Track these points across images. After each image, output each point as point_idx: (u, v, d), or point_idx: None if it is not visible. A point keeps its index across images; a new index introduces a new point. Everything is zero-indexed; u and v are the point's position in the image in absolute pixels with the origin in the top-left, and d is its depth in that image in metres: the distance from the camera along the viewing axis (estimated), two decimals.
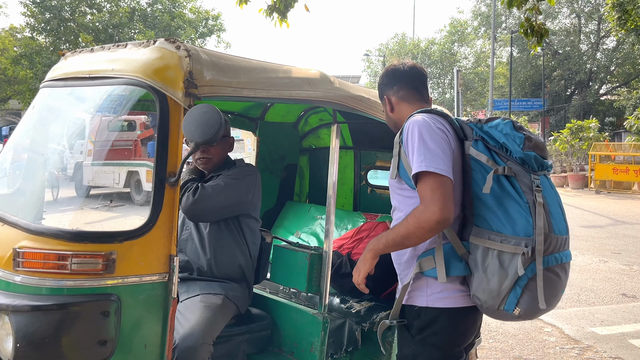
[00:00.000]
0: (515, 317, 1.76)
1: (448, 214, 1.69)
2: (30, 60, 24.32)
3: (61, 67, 2.28)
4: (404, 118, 1.95)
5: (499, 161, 1.76)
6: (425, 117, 1.82)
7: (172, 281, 1.83)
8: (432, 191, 1.69)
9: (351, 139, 3.86)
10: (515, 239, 1.70)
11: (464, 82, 32.54)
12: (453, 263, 1.80)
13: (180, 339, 2.09)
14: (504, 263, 1.71)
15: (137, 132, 12.94)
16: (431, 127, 1.78)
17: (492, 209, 1.74)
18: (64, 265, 1.70)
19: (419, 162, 1.72)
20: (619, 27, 16.86)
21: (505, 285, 1.71)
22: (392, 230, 1.82)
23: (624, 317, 5.42)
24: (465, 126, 1.86)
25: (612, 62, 32.12)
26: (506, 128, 1.80)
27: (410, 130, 1.80)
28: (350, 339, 2.78)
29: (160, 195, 1.81)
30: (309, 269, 2.41)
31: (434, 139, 1.75)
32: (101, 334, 1.72)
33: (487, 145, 1.80)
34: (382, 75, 2.12)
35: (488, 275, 1.74)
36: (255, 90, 2.05)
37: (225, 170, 2.59)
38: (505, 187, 1.73)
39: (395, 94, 2.06)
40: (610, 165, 17.58)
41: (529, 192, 1.73)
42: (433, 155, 1.72)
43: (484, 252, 1.75)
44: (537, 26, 5.29)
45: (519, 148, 1.77)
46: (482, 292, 1.76)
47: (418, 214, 1.71)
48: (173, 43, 1.91)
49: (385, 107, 2.11)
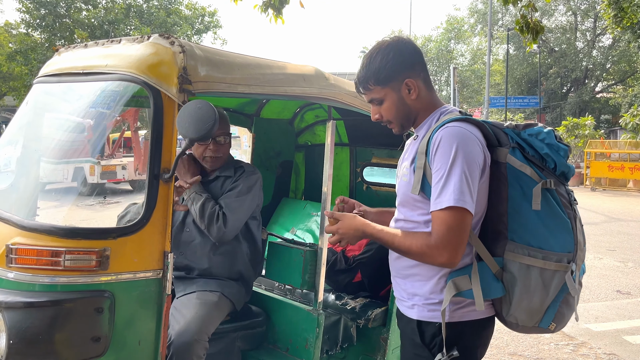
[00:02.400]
0: (549, 332, 1.70)
1: (454, 261, 1.57)
2: (25, 56, 24.18)
3: (55, 62, 2.26)
4: (423, 108, 1.75)
5: (539, 173, 1.62)
6: (464, 129, 1.60)
7: (166, 278, 1.82)
8: (447, 231, 1.54)
9: (347, 135, 3.85)
10: (557, 255, 1.62)
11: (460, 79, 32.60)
12: (490, 283, 1.63)
13: (175, 335, 2.09)
14: (546, 281, 1.61)
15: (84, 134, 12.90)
16: (470, 147, 1.57)
17: (533, 224, 1.61)
18: (57, 261, 1.69)
19: (447, 193, 1.54)
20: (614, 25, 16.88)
21: (546, 303, 1.64)
22: (396, 238, 1.66)
23: (619, 313, 5.45)
24: (499, 132, 1.67)
25: (608, 60, 32.21)
26: (549, 138, 1.65)
27: (445, 145, 1.57)
28: (345, 336, 2.79)
29: (154, 191, 1.81)
30: (304, 265, 2.41)
31: (469, 165, 1.56)
32: (95, 331, 1.71)
33: (525, 155, 1.64)
34: (395, 53, 1.72)
35: (530, 295, 1.62)
36: (250, 86, 2.05)
37: (229, 171, 2.59)
38: (549, 202, 1.62)
39: (418, 76, 1.73)
40: (606, 162, 17.65)
41: (569, 206, 1.65)
42: (465, 187, 1.54)
43: (526, 270, 1.61)
44: (533, 23, 5.29)
45: (564, 160, 1.66)
46: (521, 312, 1.65)
47: (426, 247, 1.58)
48: (167, 39, 1.90)
49: (399, 94, 1.73)
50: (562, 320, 1.69)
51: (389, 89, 1.73)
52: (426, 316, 1.70)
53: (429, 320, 1.70)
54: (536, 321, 1.66)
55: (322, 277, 2.40)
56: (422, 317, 1.71)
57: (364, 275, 2.98)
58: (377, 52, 1.73)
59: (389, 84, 1.72)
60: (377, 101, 1.77)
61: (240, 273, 2.51)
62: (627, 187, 17.40)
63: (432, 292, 1.69)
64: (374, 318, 2.74)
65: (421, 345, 1.71)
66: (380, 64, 1.71)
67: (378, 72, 1.72)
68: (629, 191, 17.05)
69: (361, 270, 2.97)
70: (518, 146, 1.65)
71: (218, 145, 2.55)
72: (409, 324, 1.76)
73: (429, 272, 1.69)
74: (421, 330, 1.71)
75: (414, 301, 1.73)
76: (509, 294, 1.64)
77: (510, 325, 1.72)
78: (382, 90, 1.74)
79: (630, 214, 12.27)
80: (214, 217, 2.38)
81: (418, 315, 1.72)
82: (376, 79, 1.73)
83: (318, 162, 3.80)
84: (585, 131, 19.58)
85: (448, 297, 1.62)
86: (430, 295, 1.69)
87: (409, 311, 1.75)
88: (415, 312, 1.73)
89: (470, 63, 39.25)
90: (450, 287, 1.63)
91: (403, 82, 1.72)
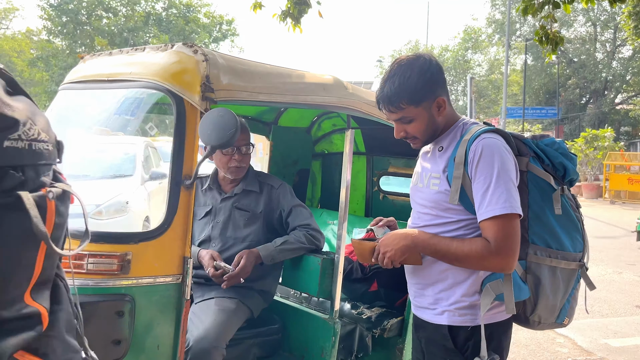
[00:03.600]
0: (563, 326, 1.85)
1: (513, 266, 1.64)
2: (46, 62, 24.68)
3: (80, 69, 2.31)
4: (447, 123, 1.79)
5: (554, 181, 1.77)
6: (498, 140, 1.68)
7: (186, 283, 1.84)
8: (506, 237, 1.60)
9: (364, 144, 3.86)
10: (573, 255, 1.79)
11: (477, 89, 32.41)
12: (519, 286, 1.71)
13: (194, 341, 2.11)
14: (565, 279, 1.78)
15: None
16: (509, 157, 1.66)
17: (552, 228, 1.74)
18: (80, 265, 1.72)
19: (499, 200, 1.59)
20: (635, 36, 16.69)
21: (564, 299, 1.80)
22: (453, 243, 1.67)
23: (638, 329, 5.34)
24: (519, 142, 1.77)
25: (628, 71, 31.78)
26: (562, 148, 1.80)
27: (486, 155, 1.63)
28: (361, 345, 2.78)
29: (175, 197, 1.83)
30: (320, 273, 2.42)
31: (512, 174, 1.65)
32: (115, 334, 1.74)
33: (542, 164, 1.77)
34: (435, 71, 1.74)
35: (553, 293, 1.76)
36: (271, 95, 2.07)
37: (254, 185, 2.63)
38: (564, 206, 1.76)
39: (447, 94, 1.78)
40: (626, 175, 17.39)
41: (576, 210, 1.82)
42: (513, 194, 1.62)
43: (551, 271, 1.75)
44: (552, 34, 5.27)
45: (574, 169, 1.80)
46: (544, 310, 1.76)
47: (487, 253, 1.61)
48: (191, 47, 1.93)
49: (430, 111, 1.74)
50: (572, 314, 1.85)
51: (421, 108, 1.73)
52: (457, 321, 1.74)
53: (460, 325, 1.73)
54: (555, 317, 1.80)
55: (338, 286, 2.40)
56: (453, 322, 1.74)
57: (380, 285, 2.97)
58: (410, 71, 1.71)
59: (422, 104, 1.72)
60: (406, 120, 1.76)
61: (260, 282, 2.52)
62: None
63: (464, 294, 1.72)
64: (389, 328, 2.73)
65: (454, 350, 1.73)
66: (418, 85, 1.70)
67: (414, 93, 1.70)
68: None
69: (377, 279, 2.96)
70: (536, 155, 1.77)
71: (242, 155, 2.58)
72: (437, 331, 1.77)
73: (461, 275, 1.73)
74: (453, 335, 1.74)
75: (443, 307, 1.75)
76: (533, 295, 1.73)
77: (532, 324, 1.80)
78: (414, 110, 1.73)
79: None
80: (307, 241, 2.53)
81: (449, 320, 1.74)
82: (410, 98, 1.71)
83: (335, 170, 3.81)
84: (605, 143, 19.31)
85: (487, 302, 1.67)
86: (461, 298, 1.73)
87: (438, 318, 1.77)
88: (446, 317, 1.75)
89: (488, 73, 39.05)
90: (488, 292, 1.67)
91: (435, 100, 1.73)
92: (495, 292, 1.67)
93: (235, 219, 2.56)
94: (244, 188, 2.61)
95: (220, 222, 2.56)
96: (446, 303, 1.74)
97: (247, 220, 2.55)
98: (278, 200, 2.61)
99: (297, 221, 2.57)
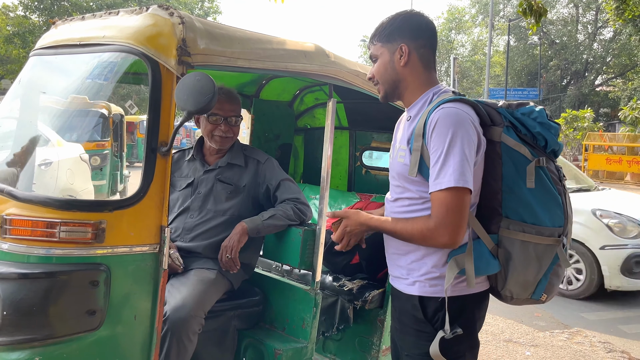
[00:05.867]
0: (541, 302, 1.77)
1: (456, 241, 1.60)
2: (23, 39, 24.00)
3: (51, 35, 2.22)
4: (413, 83, 1.76)
5: (532, 151, 1.66)
6: (459, 109, 1.61)
7: (163, 252, 1.80)
8: (447, 212, 1.56)
9: (347, 119, 3.82)
10: (549, 229, 1.67)
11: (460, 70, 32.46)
12: (487, 260, 1.67)
13: (171, 311, 2.07)
14: (539, 255, 1.68)
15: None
16: (466, 127, 1.58)
17: (527, 201, 1.65)
18: (52, 233, 1.67)
19: (446, 174, 1.56)
20: (616, 17, 16.76)
21: (539, 275, 1.70)
22: (395, 224, 1.70)
23: (614, 303, 5.47)
24: (492, 111, 1.70)
25: (608, 53, 32.09)
26: (541, 117, 1.69)
27: (441, 126, 1.58)
28: (342, 317, 2.78)
29: (151, 164, 1.78)
30: (302, 244, 2.39)
31: (466, 145, 1.57)
32: (90, 304, 1.69)
33: (519, 134, 1.68)
34: (401, 17, 1.76)
35: (526, 269, 1.68)
36: (250, 60, 2.01)
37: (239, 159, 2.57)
38: (541, 179, 1.66)
39: (418, 49, 1.74)
40: (604, 155, 17.66)
41: (558, 182, 1.70)
42: (463, 166, 1.55)
43: (522, 246, 1.66)
44: (536, 5, 5.25)
45: (555, 138, 1.70)
46: (516, 285, 1.70)
47: (426, 231, 1.61)
48: (166, 10, 1.86)
49: (392, 56, 1.75)
50: (552, 291, 1.75)
51: (385, 49, 1.77)
52: (428, 291, 1.71)
53: (430, 296, 1.70)
54: (529, 293, 1.73)
55: (320, 257, 2.38)
56: (424, 293, 1.71)
57: (361, 257, 2.97)
58: (392, 15, 1.80)
59: (386, 44, 1.77)
60: (374, 58, 1.82)
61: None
62: (625, 180, 17.43)
63: (434, 265, 1.70)
64: (371, 300, 2.74)
65: (424, 321, 1.71)
66: (387, 23, 1.78)
67: (383, 29, 1.78)
68: (626, 184, 17.07)
69: (359, 252, 2.96)
70: (511, 125, 1.68)
71: (229, 125, 2.53)
72: (409, 301, 1.75)
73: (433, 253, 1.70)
74: (423, 305, 1.71)
75: (414, 277, 1.73)
76: (504, 269, 1.69)
77: (505, 299, 1.77)
78: (380, 48, 1.79)
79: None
80: (295, 215, 2.47)
81: (420, 291, 1.72)
82: (379, 35, 1.78)
83: (317, 145, 3.77)
84: (584, 124, 19.56)
85: (451, 275, 1.64)
86: (432, 269, 1.70)
87: (409, 288, 1.75)
88: (417, 288, 1.73)
89: (471, 54, 39.11)
90: (452, 266, 1.65)
91: (399, 45, 1.74)
92: (459, 266, 1.64)
93: (217, 191, 2.51)
94: (229, 161, 2.56)
95: (202, 194, 2.51)
96: (417, 274, 1.72)
97: (229, 194, 2.50)
98: (264, 175, 2.56)
99: (286, 195, 2.52)
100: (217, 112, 2.47)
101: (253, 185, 2.55)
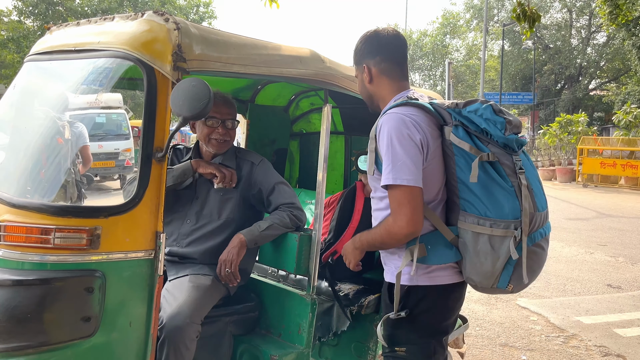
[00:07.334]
0: (508, 292, 1.84)
1: (415, 227, 1.73)
2: (17, 44, 23.94)
3: (46, 40, 2.21)
4: (382, 94, 1.95)
5: (482, 146, 1.74)
6: (399, 113, 1.77)
7: (158, 258, 1.80)
8: (399, 205, 1.72)
9: (342, 124, 3.83)
10: (505, 222, 1.73)
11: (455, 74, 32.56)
12: (443, 250, 1.81)
13: (167, 318, 2.06)
14: (495, 246, 1.75)
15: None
16: (402, 129, 1.74)
17: (478, 195, 1.75)
18: (47, 239, 1.66)
19: (386, 172, 1.73)
20: (609, 22, 16.91)
21: (498, 266, 1.76)
22: (370, 234, 1.88)
23: (609, 307, 5.48)
24: (443, 111, 1.81)
25: (602, 58, 32.28)
26: (486, 112, 1.76)
27: (382, 130, 1.78)
28: (338, 322, 2.77)
29: (146, 170, 1.78)
30: (298, 250, 2.39)
31: (403, 145, 1.72)
32: (85, 310, 1.69)
33: (468, 131, 1.77)
34: (362, 39, 1.98)
35: (481, 259, 1.77)
36: (245, 66, 2.02)
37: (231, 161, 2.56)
38: (490, 173, 1.74)
39: (377, 65, 1.94)
40: (598, 159, 17.73)
41: (513, 175, 1.74)
42: (401, 165, 1.71)
43: (475, 237, 1.76)
44: (530, 10, 5.29)
45: (500, 133, 1.75)
46: (476, 274, 1.80)
47: (388, 226, 1.78)
48: (162, 16, 1.86)
49: (361, 76, 1.99)
50: (520, 282, 1.80)
51: (358, 70, 2.02)
52: (395, 279, 1.86)
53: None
54: (493, 283, 1.80)
55: (316, 262, 2.38)
56: (392, 280, 1.89)
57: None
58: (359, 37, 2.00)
59: (356, 66, 2.02)
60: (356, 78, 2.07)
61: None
62: (619, 184, 17.50)
63: (400, 255, 1.86)
64: (367, 305, 2.73)
65: (390, 305, 1.89)
66: (355, 48, 2.01)
67: (354, 53, 2.03)
68: (621, 188, 17.14)
69: None
70: (461, 124, 1.78)
71: (226, 129, 2.52)
72: (385, 288, 1.95)
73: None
74: (390, 291, 1.90)
75: (388, 267, 1.93)
76: (464, 259, 1.82)
77: (473, 286, 1.88)
78: (355, 70, 2.05)
79: (622, 210, 12.35)
80: (291, 222, 2.47)
81: (389, 278, 1.91)
82: (353, 59, 2.04)
83: (313, 150, 3.77)
84: (578, 128, 19.63)
85: (404, 263, 1.81)
86: (399, 259, 1.87)
87: (386, 276, 1.95)
88: (389, 276, 1.92)
89: (466, 58, 39.24)
90: (407, 254, 1.80)
91: (362, 66, 1.97)
92: (412, 255, 1.79)
93: (211, 195, 2.51)
94: (221, 163, 2.56)
95: (199, 199, 2.51)
96: (390, 264, 1.91)
97: (222, 196, 2.50)
98: (257, 177, 2.54)
99: (281, 199, 2.50)
100: (214, 116, 2.47)
101: (246, 186, 2.54)
